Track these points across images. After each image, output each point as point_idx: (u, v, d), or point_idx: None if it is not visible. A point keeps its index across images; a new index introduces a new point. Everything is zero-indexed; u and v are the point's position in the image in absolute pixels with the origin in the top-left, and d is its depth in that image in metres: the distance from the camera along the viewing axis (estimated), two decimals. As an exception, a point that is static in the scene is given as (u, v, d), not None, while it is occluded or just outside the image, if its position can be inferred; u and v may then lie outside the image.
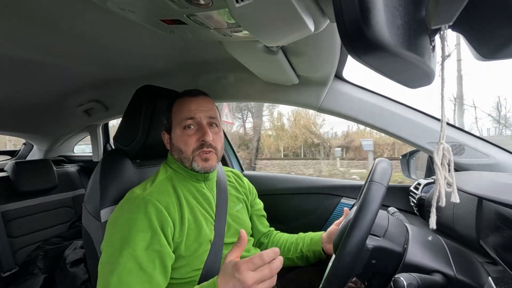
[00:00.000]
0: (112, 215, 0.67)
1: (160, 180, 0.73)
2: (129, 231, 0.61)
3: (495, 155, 0.83)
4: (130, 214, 0.63)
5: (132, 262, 0.59)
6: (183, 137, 0.73)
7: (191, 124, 0.73)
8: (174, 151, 0.76)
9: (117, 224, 0.64)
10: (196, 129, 0.73)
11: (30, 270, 1.32)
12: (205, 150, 0.72)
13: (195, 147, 0.72)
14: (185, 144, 0.72)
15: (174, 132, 0.75)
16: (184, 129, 0.73)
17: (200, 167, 0.72)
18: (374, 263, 0.54)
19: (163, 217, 0.65)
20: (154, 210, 0.64)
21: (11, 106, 1.33)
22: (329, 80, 0.90)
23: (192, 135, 0.73)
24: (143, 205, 0.64)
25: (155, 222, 0.63)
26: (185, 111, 0.73)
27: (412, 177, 1.12)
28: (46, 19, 0.63)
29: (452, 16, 0.30)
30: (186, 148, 0.72)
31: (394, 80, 0.34)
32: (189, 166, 0.74)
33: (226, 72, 1.01)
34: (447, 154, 0.35)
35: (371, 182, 0.53)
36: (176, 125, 0.74)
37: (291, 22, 0.40)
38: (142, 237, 0.61)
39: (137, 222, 0.62)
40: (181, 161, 0.75)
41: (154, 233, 0.62)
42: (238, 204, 0.87)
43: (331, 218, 1.15)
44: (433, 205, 0.36)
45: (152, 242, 0.61)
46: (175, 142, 0.75)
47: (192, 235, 0.69)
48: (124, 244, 0.60)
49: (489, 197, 0.49)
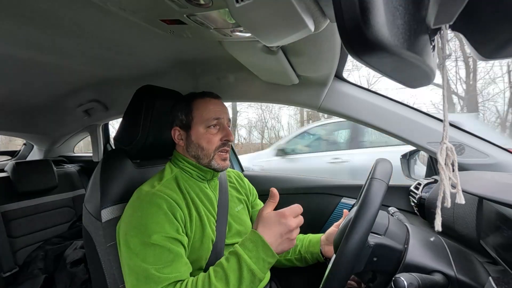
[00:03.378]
0: (124, 215, 0.68)
1: (167, 179, 0.74)
2: (146, 224, 0.62)
3: (495, 155, 0.83)
4: (143, 210, 0.65)
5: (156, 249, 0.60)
6: (206, 135, 0.75)
7: (216, 124, 0.77)
8: (192, 148, 0.77)
9: (130, 221, 0.65)
10: (218, 129, 0.77)
11: (30, 270, 1.32)
12: (226, 149, 0.78)
13: (218, 146, 0.76)
14: (208, 142, 0.75)
15: (195, 129, 0.76)
16: (209, 128, 0.76)
17: (219, 165, 0.76)
18: (375, 260, 0.54)
19: (175, 209, 0.66)
20: (166, 203, 0.66)
21: (11, 106, 1.33)
22: (329, 80, 0.90)
23: (215, 134, 0.76)
24: (154, 200, 0.66)
25: (169, 213, 0.65)
26: (212, 111, 0.76)
27: (412, 177, 1.12)
28: (46, 19, 0.63)
29: (452, 16, 0.30)
30: (209, 146, 0.75)
31: (394, 80, 0.34)
32: (206, 163, 0.76)
33: (226, 72, 1.01)
34: (450, 154, 0.35)
35: (372, 179, 0.53)
36: (199, 123, 0.76)
37: (291, 22, 0.40)
38: (160, 227, 0.62)
39: (152, 216, 0.64)
40: (198, 158, 0.76)
41: (170, 223, 0.64)
42: (239, 204, 0.88)
43: (331, 218, 1.15)
44: (438, 206, 0.36)
45: (170, 232, 0.63)
46: (195, 139, 0.76)
47: (198, 233, 0.70)
48: (142, 237, 0.61)
49: (490, 197, 0.49)
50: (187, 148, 0.78)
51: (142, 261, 0.59)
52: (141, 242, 0.61)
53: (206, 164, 0.76)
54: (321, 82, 0.91)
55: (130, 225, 0.64)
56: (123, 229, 0.66)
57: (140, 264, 0.59)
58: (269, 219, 0.61)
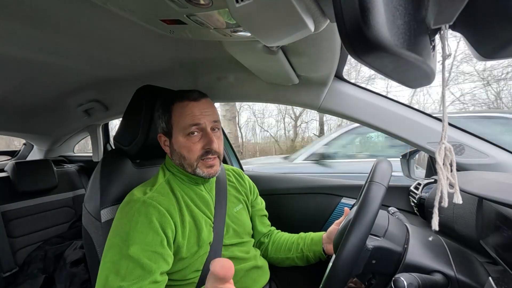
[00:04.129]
0: (115, 217, 0.67)
1: (159, 184, 0.72)
2: (128, 233, 0.61)
3: (495, 155, 0.83)
4: (130, 217, 0.63)
5: (131, 263, 0.59)
6: (186, 144, 0.71)
7: (195, 131, 0.71)
8: (175, 156, 0.74)
9: (117, 226, 0.64)
10: (200, 135, 0.71)
11: (30, 270, 1.32)
12: (210, 157, 0.71)
13: (200, 155, 0.71)
14: (188, 151, 0.71)
15: (175, 137, 0.72)
16: (188, 136, 0.71)
17: (205, 173, 0.72)
18: (374, 263, 0.54)
19: (165, 219, 0.64)
20: (156, 212, 0.64)
21: (11, 106, 1.33)
22: (329, 80, 0.90)
23: (196, 142, 0.71)
24: (143, 208, 0.64)
25: (156, 224, 0.63)
26: (189, 117, 0.70)
27: (412, 177, 1.12)
28: (46, 19, 0.63)
29: (452, 16, 0.30)
30: (190, 155, 0.71)
31: (394, 80, 0.34)
32: (191, 172, 0.73)
33: (226, 72, 1.01)
34: (449, 154, 0.35)
35: (371, 182, 0.53)
36: (178, 131, 0.72)
37: (291, 22, 0.40)
38: (141, 239, 0.61)
39: (137, 224, 0.62)
40: (183, 167, 0.74)
41: (154, 235, 0.62)
42: (238, 204, 0.86)
43: (331, 218, 1.15)
44: (435, 206, 0.36)
45: (152, 244, 0.61)
46: (177, 148, 0.73)
47: (193, 238, 0.69)
48: (123, 245, 0.60)
49: (489, 197, 0.49)
50: (172, 156, 0.76)
51: (115, 272, 0.58)
52: (119, 251, 0.60)
53: (191, 172, 0.73)
54: (321, 82, 0.91)
55: (115, 230, 0.64)
56: (110, 232, 0.65)
57: (111, 275, 0.58)
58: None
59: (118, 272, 0.58)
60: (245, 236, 0.84)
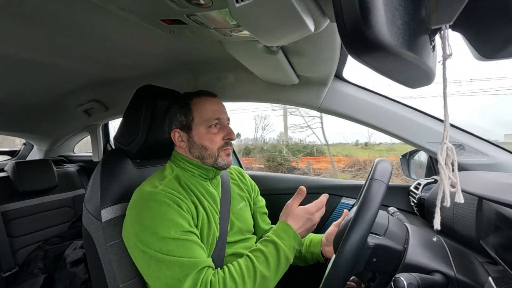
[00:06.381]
0: (130, 216, 0.67)
1: (168, 179, 0.73)
2: (159, 223, 0.62)
3: (495, 155, 0.83)
4: (152, 210, 0.64)
5: (178, 241, 0.61)
6: (208, 135, 0.76)
7: (217, 124, 0.77)
8: (195, 149, 0.76)
9: (141, 222, 0.64)
10: (218, 128, 0.77)
11: (30, 270, 1.32)
12: (229, 148, 0.78)
13: (221, 145, 0.76)
14: (211, 141, 0.76)
15: (197, 130, 0.76)
16: (210, 128, 0.76)
17: (225, 162, 0.77)
18: (375, 261, 0.54)
19: (182, 205, 0.67)
20: (172, 201, 0.66)
21: (11, 106, 1.33)
22: (329, 80, 0.90)
23: (217, 133, 0.77)
24: (160, 199, 0.65)
25: (178, 208, 0.65)
26: (211, 111, 0.77)
27: (412, 177, 1.12)
28: (46, 19, 0.63)
29: (452, 16, 0.30)
30: (212, 146, 0.76)
31: (394, 80, 0.34)
32: (211, 162, 0.76)
33: (226, 72, 1.01)
34: (450, 154, 0.35)
35: (372, 180, 0.53)
36: (200, 123, 0.76)
37: (291, 22, 0.40)
38: (174, 224, 0.63)
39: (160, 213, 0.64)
40: (202, 158, 0.76)
41: (182, 218, 0.65)
42: (241, 202, 0.88)
43: (331, 218, 1.15)
44: (437, 206, 0.36)
45: (184, 225, 0.64)
46: (197, 140, 0.76)
47: (205, 229, 0.71)
48: (161, 234, 0.61)
49: (489, 197, 0.49)
50: (190, 149, 0.77)
51: (167, 254, 0.60)
52: (159, 238, 0.61)
53: (212, 163, 0.76)
54: (321, 82, 0.91)
55: (141, 226, 0.63)
56: (133, 232, 0.64)
57: (167, 257, 0.59)
58: (298, 214, 0.71)
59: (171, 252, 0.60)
60: (247, 233, 0.85)
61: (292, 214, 0.71)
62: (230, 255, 0.76)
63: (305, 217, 0.71)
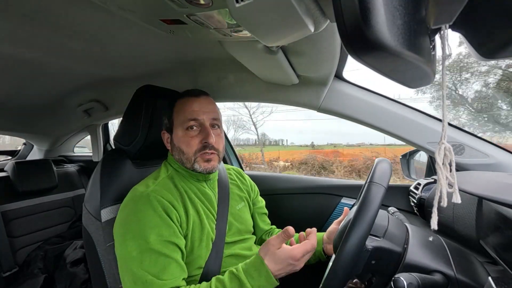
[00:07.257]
0: (119, 216, 0.68)
1: (162, 178, 0.73)
2: (143, 229, 0.62)
3: (495, 155, 0.83)
4: (138, 212, 0.64)
5: (152, 254, 0.60)
6: (185, 138, 0.72)
7: (194, 125, 0.73)
8: (175, 152, 0.75)
9: (127, 224, 0.65)
10: (198, 130, 0.73)
11: (30, 270, 1.32)
12: (207, 152, 0.72)
13: (198, 149, 0.72)
14: (187, 145, 0.72)
15: (175, 132, 0.75)
16: (187, 130, 0.72)
17: (202, 168, 0.72)
18: (373, 263, 0.54)
19: (170, 211, 0.66)
20: (160, 205, 0.65)
21: (11, 106, 1.33)
22: (329, 80, 0.90)
23: (194, 136, 0.72)
24: (148, 202, 0.65)
25: (164, 214, 0.64)
26: (188, 112, 0.73)
27: (412, 177, 1.12)
28: (46, 19, 0.63)
29: (452, 16, 0.30)
30: (188, 149, 0.72)
31: (394, 80, 0.34)
32: (190, 167, 0.74)
33: (226, 72, 1.01)
34: (448, 154, 0.35)
35: (370, 183, 0.53)
36: (178, 126, 0.74)
37: (291, 22, 0.40)
38: (155, 232, 0.62)
39: (146, 218, 0.63)
40: (182, 162, 0.74)
41: (166, 226, 0.64)
42: (240, 202, 0.87)
43: (331, 218, 1.15)
44: (434, 205, 0.36)
45: (166, 234, 0.63)
46: (176, 143, 0.74)
47: (197, 232, 0.70)
48: (139, 241, 0.61)
49: (489, 197, 0.49)
50: (172, 152, 0.77)
51: (139, 266, 0.60)
52: (138, 246, 0.61)
53: (190, 167, 0.73)
54: (321, 82, 0.91)
55: (126, 228, 0.64)
56: (119, 231, 0.65)
57: (137, 269, 0.60)
58: (279, 257, 0.60)
59: (143, 266, 0.59)
60: (246, 234, 0.85)
61: (272, 255, 0.61)
62: (228, 256, 0.75)
63: (287, 261, 0.60)
